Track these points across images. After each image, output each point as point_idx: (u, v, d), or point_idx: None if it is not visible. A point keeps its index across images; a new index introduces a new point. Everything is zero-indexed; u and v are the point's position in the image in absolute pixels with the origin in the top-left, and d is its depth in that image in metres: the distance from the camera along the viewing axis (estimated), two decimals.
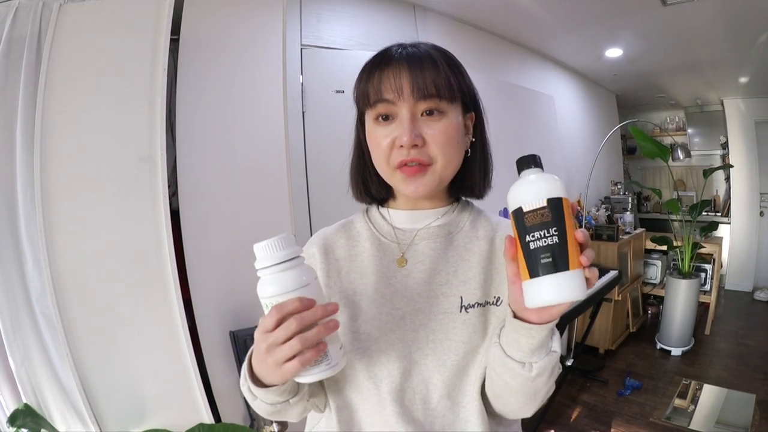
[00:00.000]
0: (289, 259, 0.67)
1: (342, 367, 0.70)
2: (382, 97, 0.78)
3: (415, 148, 0.78)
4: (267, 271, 0.67)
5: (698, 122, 6.47)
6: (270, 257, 0.66)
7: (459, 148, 0.82)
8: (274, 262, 0.66)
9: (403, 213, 0.91)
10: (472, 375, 0.80)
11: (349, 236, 0.93)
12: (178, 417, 1.81)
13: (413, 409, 0.80)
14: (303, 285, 0.66)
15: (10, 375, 1.79)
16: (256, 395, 0.76)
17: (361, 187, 0.93)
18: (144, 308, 1.81)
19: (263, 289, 0.67)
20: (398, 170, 0.80)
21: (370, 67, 0.82)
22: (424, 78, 0.77)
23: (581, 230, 0.61)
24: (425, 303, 0.82)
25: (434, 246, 0.87)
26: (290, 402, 0.78)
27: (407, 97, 0.77)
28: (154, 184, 1.79)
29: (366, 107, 0.83)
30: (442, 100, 0.78)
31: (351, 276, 0.88)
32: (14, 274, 1.77)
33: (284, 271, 0.66)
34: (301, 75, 2.49)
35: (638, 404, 3.37)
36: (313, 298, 0.65)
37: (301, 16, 2.55)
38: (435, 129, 0.78)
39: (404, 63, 0.78)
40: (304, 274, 0.67)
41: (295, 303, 0.63)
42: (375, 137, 0.81)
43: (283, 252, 0.66)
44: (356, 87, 0.85)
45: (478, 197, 0.93)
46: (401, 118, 0.78)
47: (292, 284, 0.66)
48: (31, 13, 1.78)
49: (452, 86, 0.79)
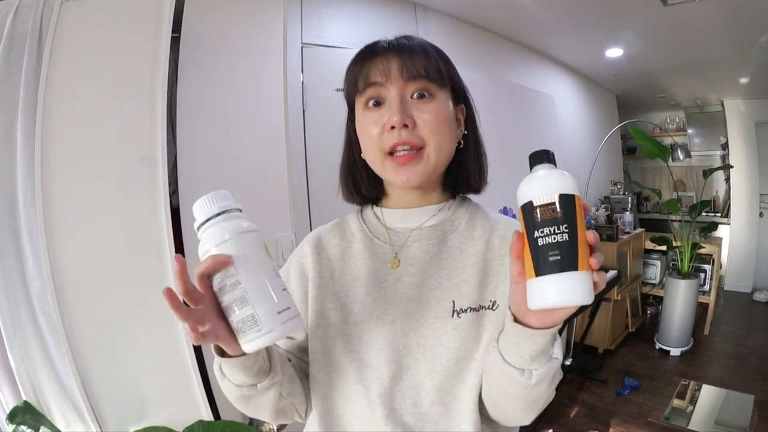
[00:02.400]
0: (209, 218, 0.65)
1: (284, 336, 0.66)
2: (370, 80, 0.79)
3: (406, 129, 0.77)
4: (202, 229, 0.66)
5: (698, 123, 6.48)
6: (197, 219, 0.66)
7: (450, 132, 0.82)
8: (198, 224, 0.66)
9: (396, 212, 0.90)
10: (467, 382, 0.78)
11: (343, 236, 0.92)
12: (177, 414, 1.81)
13: (403, 412, 0.79)
14: (222, 240, 0.63)
15: (10, 372, 1.79)
16: (224, 373, 0.74)
17: (351, 186, 0.92)
18: (144, 306, 1.81)
19: (200, 246, 0.66)
20: (389, 159, 0.79)
21: (358, 57, 0.82)
22: (413, 60, 0.77)
23: (592, 231, 0.59)
24: (416, 307, 0.81)
25: (426, 248, 0.85)
26: (258, 387, 0.74)
27: (395, 79, 0.77)
28: (155, 182, 1.79)
29: (355, 94, 0.83)
30: (431, 81, 0.78)
31: (343, 278, 0.87)
32: (15, 272, 1.77)
33: (210, 227, 0.65)
34: (302, 73, 2.49)
35: (637, 404, 3.37)
36: (236, 253, 0.63)
37: (302, 14, 2.55)
38: (425, 111, 0.78)
39: (393, 50, 0.79)
40: (226, 228, 0.64)
41: (207, 262, 0.62)
42: (365, 124, 0.81)
43: (204, 210, 0.65)
44: (346, 78, 0.85)
45: (476, 191, 0.92)
46: (390, 101, 0.78)
47: (214, 240, 0.64)
48: (32, 10, 1.78)
49: (441, 71, 0.79)
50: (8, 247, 1.77)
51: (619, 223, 4.68)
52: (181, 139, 1.93)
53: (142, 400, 1.84)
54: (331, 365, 0.83)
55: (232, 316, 0.63)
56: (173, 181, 1.93)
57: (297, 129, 2.42)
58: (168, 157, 1.83)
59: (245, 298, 0.62)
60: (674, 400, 3.37)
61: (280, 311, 0.64)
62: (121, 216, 1.80)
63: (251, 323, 0.62)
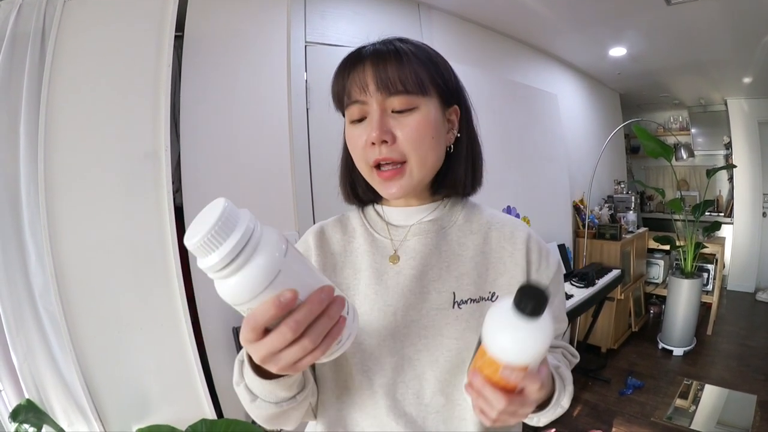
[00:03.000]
0: (242, 249, 0.48)
1: (357, 330, 0.61)
2: (352, 98, 0.78)
3: (386, 144, 0.76)
4: (220, 274, 0.49)
5: (702, 122, 6.47)
6: (217, 254, 0.48)
7: (434, 144, 0.80)
8: (224, 264, 0.48)
9: (396, 209, 0.90)
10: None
11: (345, 231, 0.93)
12: (180, 413, 1.82)
13: (405, 403, 0.80)
14: (274, 276, 0.50)
15: (13, 370, 1.79)
16: (256, 394, 0.70)
17: (349, 189, 0.93)
18: (147, 304, 1.81)
19: (225, 294, 0.51)
20: (376, 172, 0.80)
21: (340, 69, 0.82)
22: (387, 72, 0.76)
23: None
24: (417, 299, 0.82)
25: (426, 242, 0.86)
26: (297, 398, 0.73)
27: (373, 93, 0.76)
28: (158, 180, 1.79)
29: (340, 109, 0.83)
30: (410, 94, 0.76)
31: (345, 272, 0.88)
32: (17, 269, 1.77)
33: (241, 269, 0.49)
34: (306, 72, 2.49)
35: (640, 404, 3.37)
36: (291, 282, 0.51)
37: (305, 13, 2.55)
38: (405, 125, 0.77)
39: (368, 60, 0.77)
40: (269, 258, 0.50)
41: (270, 311, 0.50)
42: (352, 137, 0.81)
43: (230, 242, 0.48)
44: (331, 90, 0.84)
45: (465, 194, 0.91)
46: (371, 115, 0.77)
47: (259, 284, 0.49)
48: (35, 9, 1.78)
49: (421, 79, 0.77)
50: (11, 244, 1.77)
51: (622, 223, 4.67)
52: (184, 137, 1.93)
53: (145, 399, 1.85)
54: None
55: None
56: (176, 179, 1.93)
57: (300, 128, 2.42)
58: (171, 155, 1.83)
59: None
60: (677, 400, 3.37)
61: (348, 309, 0.59)
62: (124, 214, 1.80)
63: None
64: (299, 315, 0.51)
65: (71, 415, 1.79)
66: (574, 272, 3.79)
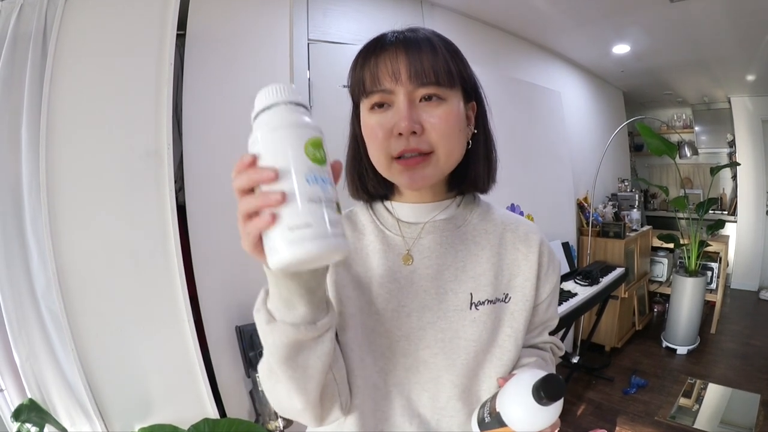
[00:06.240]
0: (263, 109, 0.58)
1: (337, 249, 0.52)
2: (379, 85, 0.74)
3: (414, 135, 0.73)
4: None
5: (705, 120, 6.45)
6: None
7: (461, 137, 0.78)
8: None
9: (407, 206, 0.87)
10: (484, 376, 0.79)
11: (354, 228, 0.89)
12: (183, 412, 1.82)
13: (419, 404, 0.79)
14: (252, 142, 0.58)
15: (15, 370, 1.79)
16: (273, 316, 0.63)
17: (357, 183, 0.88)
18: (150, 303, 1.81)
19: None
20: (396, 161, 0.75)
21: (365, 53, 0.78)
22: (422, 62, 0.72)
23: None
24: (433, 300, 0.80)
25: (441, 240, 0.83)
26: (317, 326, 0.63)
27: (405, 82, 0.72)
28: (161, 178, 1.79)
29: (362, 96, 0.78)
30: (441, 86, 0.73)
31: (356, 269, 0.85)
32: (20, 269, 1.77)
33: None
34: (308, 70, 2.48)
35: (643, 402, 3.36)
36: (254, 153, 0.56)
37: (308, 11, 2.54)
38: (434, 116, 0.73)
39: (401, 47, 0.74)
40: (257, 129, 0.58)
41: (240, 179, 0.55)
42: (371, 126, 0.76)
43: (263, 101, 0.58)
44: (350, 75, 0.80)
45: (482, 191, 0.89)
46: (398, 104, 0.73)
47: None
48: (36, 9, 1.78)
49: (452, 72, 0.75)
50: (13, 243, 1.77)
51: (626, 221, 4.67)
52: (186, 135, 1.92)
53: (147, 398, 1.84)
54: (350, 353, 0.80)
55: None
56: (179, 177, 1.92)
57: None
58: (174, 153, 1.83)
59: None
60: (680, 399, 3.36)
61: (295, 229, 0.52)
62: (126, 213, 1.80)
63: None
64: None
65: (74, 415, 1.79)
66: (578, 270, 3.78)
